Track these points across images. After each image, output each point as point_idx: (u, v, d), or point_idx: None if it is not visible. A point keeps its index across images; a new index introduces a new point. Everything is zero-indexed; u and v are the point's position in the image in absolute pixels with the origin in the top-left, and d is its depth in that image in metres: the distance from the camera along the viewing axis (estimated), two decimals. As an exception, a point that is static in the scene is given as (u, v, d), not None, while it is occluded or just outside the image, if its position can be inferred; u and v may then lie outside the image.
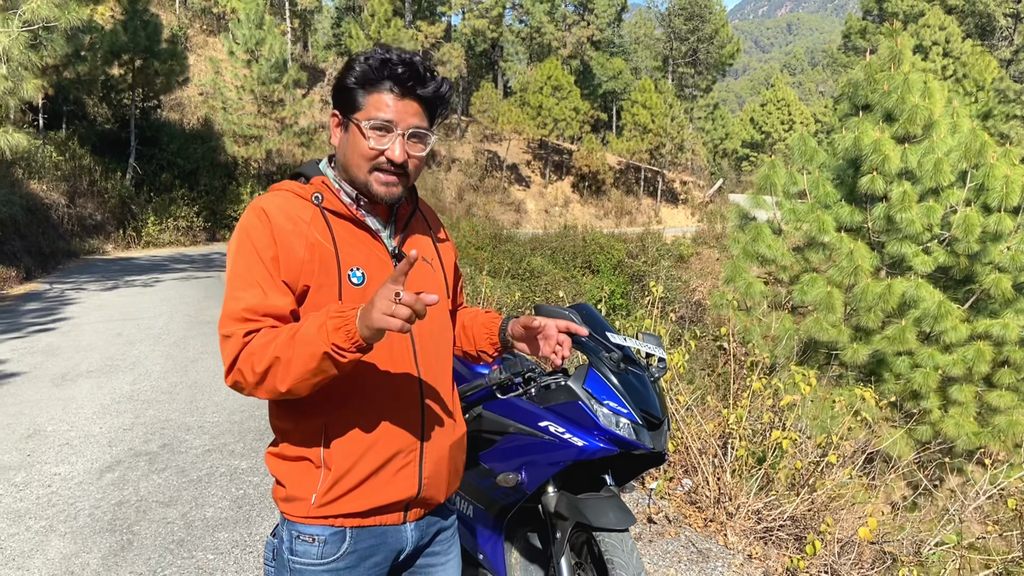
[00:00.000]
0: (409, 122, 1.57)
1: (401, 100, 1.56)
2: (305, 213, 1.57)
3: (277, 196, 1.59)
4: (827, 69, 74.10)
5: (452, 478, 1.75)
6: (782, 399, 4.25)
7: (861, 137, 9.14)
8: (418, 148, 1.60)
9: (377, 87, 1.55)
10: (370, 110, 1.55)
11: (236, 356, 1.45)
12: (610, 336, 2.45)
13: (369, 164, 1.56)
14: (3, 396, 6.73)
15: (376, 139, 1.55)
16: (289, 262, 1.51)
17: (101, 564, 3.60)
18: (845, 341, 9.14)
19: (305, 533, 1.59)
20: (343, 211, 1.60)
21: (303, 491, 1.57)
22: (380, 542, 1.64)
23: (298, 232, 1.53)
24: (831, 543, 3.50)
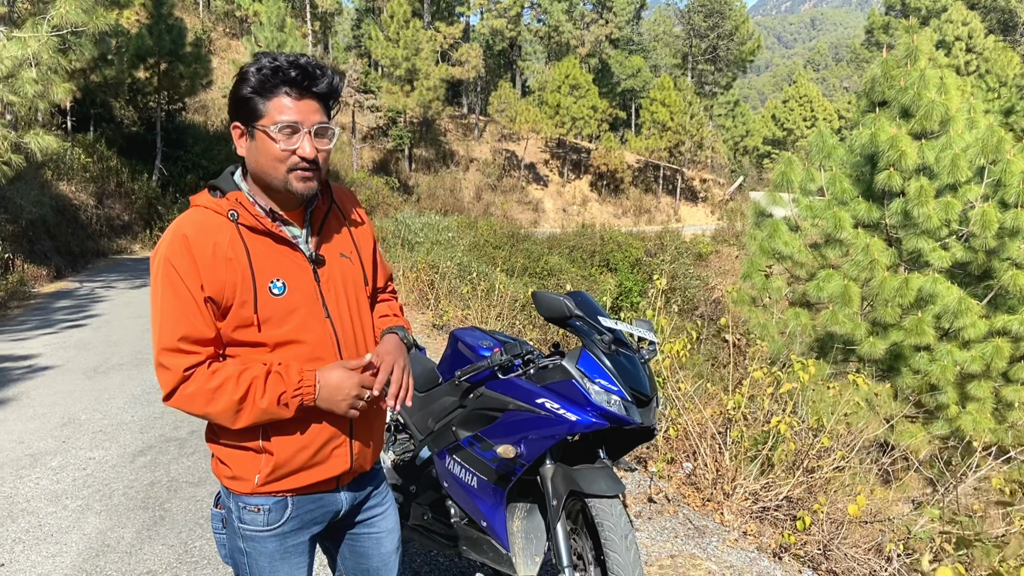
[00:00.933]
0: (312, 119, 1.67)
1: (299, 100, 1.66)
2: (223, 232, 1.67)
3: (195, 215, 1.69)
4: (851, 64, 73.51)
5: (376, 447, 1.95)
6: (782, 387, 4.41)
7: (878, 133, 9.20)
8: (324, 142, 1.70)
9: (274, 92, 1.65)
10: (273, 115, 1.65)
11: (175, 388, 1.62)
12: (601, 320, 2.66)
13: (284, 165, 1.66)
14: (38, 388, 7.04)
15: (285, 141, 1.65)
16: (213, 284, 1.64)
17: (135, 537, 3.86)
18: (862, 335, 9.22)
19: (251, 504, 1.77)
20: (258, 226, 1.70)
21: (246, 472, 1.75)
22: (318, 506, 1.85)
23: (218, 255, 1.64)
24: (823, 522, 3.67)
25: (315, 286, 1.77)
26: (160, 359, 1.63)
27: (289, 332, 1.71)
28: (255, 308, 1.67)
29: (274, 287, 1.69)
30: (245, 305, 1.66)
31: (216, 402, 1.62)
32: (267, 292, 1.68)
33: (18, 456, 5.16)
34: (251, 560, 1.81)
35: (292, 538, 1.82)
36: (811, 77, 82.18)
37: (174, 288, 1.62)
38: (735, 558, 3.54)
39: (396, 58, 37.65)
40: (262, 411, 1.64)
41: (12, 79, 11.66)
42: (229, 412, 1.63)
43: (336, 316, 1.80)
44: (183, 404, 1.64)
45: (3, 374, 7.59)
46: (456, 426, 2.89)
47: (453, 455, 2.87)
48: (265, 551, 1.79)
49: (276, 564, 1.81)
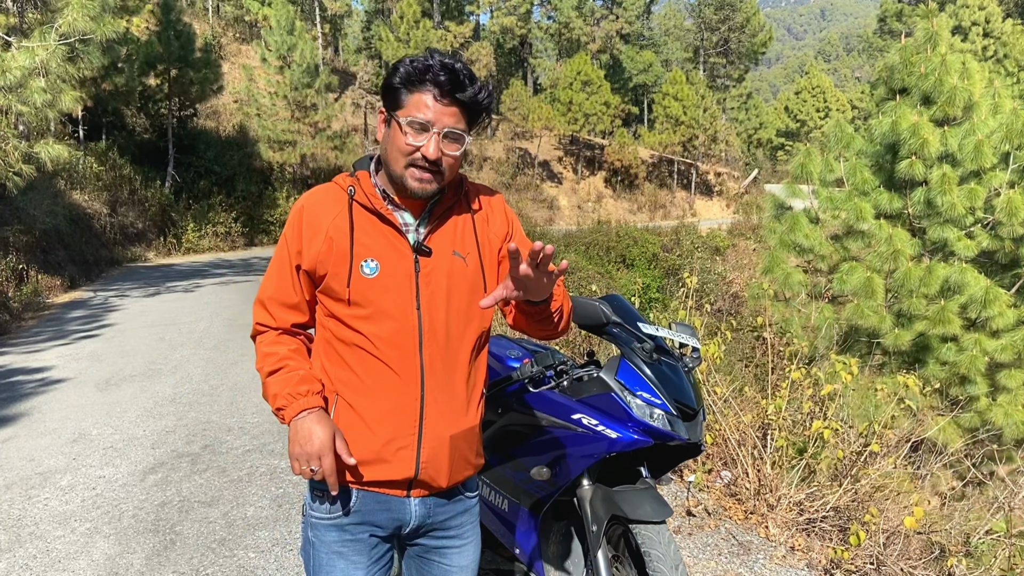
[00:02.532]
0: (445, 122, 1.65)
1: (439, 102, 1.65)
2: (336, 205, 1.75)
3: (324, 188, 1.80)
4: (863, 54, 72.81)
5: (456, 466, 1.81)
6: (822, 389, 4.17)
7: (899, 121, 8.95)
8: (453, 148, 1.68)
9: (419, 88, 1.65)
10: (410, 109, 1.65)
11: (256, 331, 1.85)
12: (641, 326, 2.42)
13: (405, 159, 1.67)
14: (50, 402, 6.89)
15: (413, 136, 1.65)
16: (310, 253, 1.72)
17: (145, 564, 3.67)
18: (887, 327, 8.97)
19: (319, 489, 1.77)
20: (369, 205, 1.73)
21: None
22: (384, 508, 1.77)
23: (322, 226, 1.72)
24: (876, 533, 3.43)
25: (412, 275, 1.73)
26: (255, 305, 1.85)
27: (371, 315, 1.71)
28: (348, 283, 1.70)
29: (366, 266, 1.71)
30: (337, 278, 1.71)
31: (260, 362, 1.79)
32: (359, 270, 1.70)
33: (28, 475, 4.99)
34: (315, 551, 1.79)
35: (352, 532, 1.77)
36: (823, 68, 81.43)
37: (280, 251, 1.79)
38: (784, 577, 3.30)
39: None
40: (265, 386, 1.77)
41: (21, 89, 11.55)
42: (261, 376, 1.79)
43: (427, 309, 1.73)
44: (255, 348, 1.84)
45: (15, 388, 7.45)
46: (485, 444, 2.66)
47: (482, 476, 2.65)
48: (325, 541, 1.77)
49: (333, 558, 1.77)
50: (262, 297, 1.81)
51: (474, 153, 44.31)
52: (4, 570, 3.66)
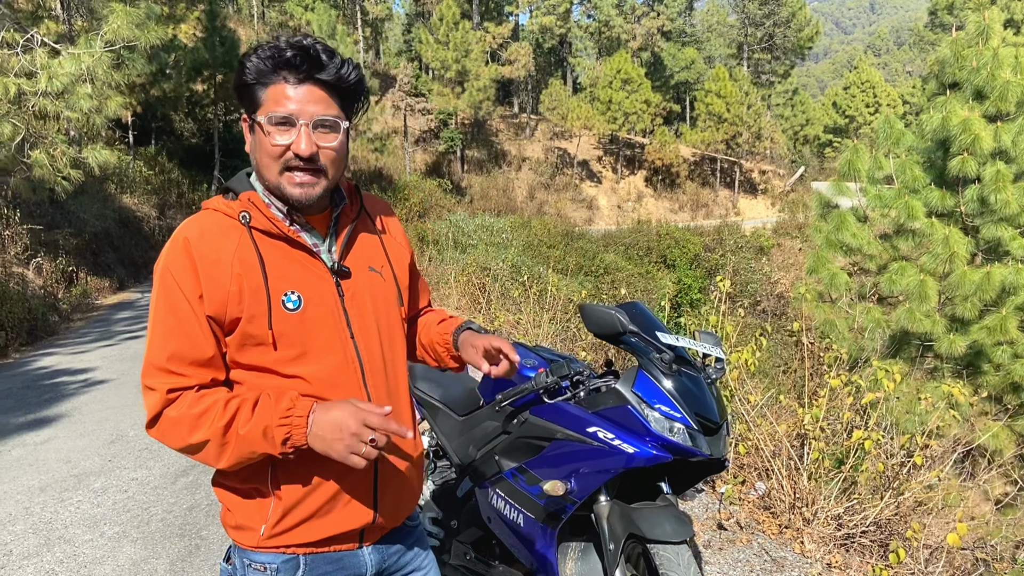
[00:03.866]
0: (311, 111, 1.41)
1: (300, 88, 1.42)
2: (232, 236, 1.44)
3: (203, 218, 1.47)
4: (914, 48, 70.97)
5: (409, 498, 1.66)
6: (864, 397, 4.00)
7: (949, 117, 8.67)
8: (329, 138, 1.44)
9: (273, 79, 1.42)
10: (269, 105, 1.42)
11: (159, 413, 1.39)
12: (660, 336, 2.31)
13: (278, 163, 1.43)
14: (91, 402, 7.01)
15: (279, 134, 1.41)
16: (214, 296, 1.40)
17: (168, 569, 3.67)
18: (940, 332, 8.67)
19: (256, 561, 1.49)
20: (273, 230, 1.46)
21: (252, 521, 1.48)
22: (336, 568, 1.54)
23: (223, 262, 1.41)
24: (918, 550, 3.26)
25: (337, 301, 1.51)
26: (146, 379, 1.40)
27: (303, 355, 1.45)
28: (269, 323, 1.42)
29: (288, 300, 1.44)
30: (255, 320, 1.41)
31: (199, 430, 1.36)
32: (280, 306, 1.43)
33: (63, 477, 5.06)
34: None
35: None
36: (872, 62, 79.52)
37: (170, 299, 1.40)
38: (819, 596, 3.16)
39: (446, 60, 37.63)
40: (243, 441, 1.36)
41: (68, 95, 11.82)
42: (213, 444, 1.36)
43: (361, 337, 1.53)
44: (165, 432, 1.39)
45: (59, 389, 7.61)
46: (499, 455, 2.58)
47: (496, 488, 2.57)
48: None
49: None
50: (159, 362, 1.39)
51: (513, 153, 44.32)
52: (31, 574, 3.69)
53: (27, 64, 11.62)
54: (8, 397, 7.36)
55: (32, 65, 11.61)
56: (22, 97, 11.63)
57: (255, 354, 1.43)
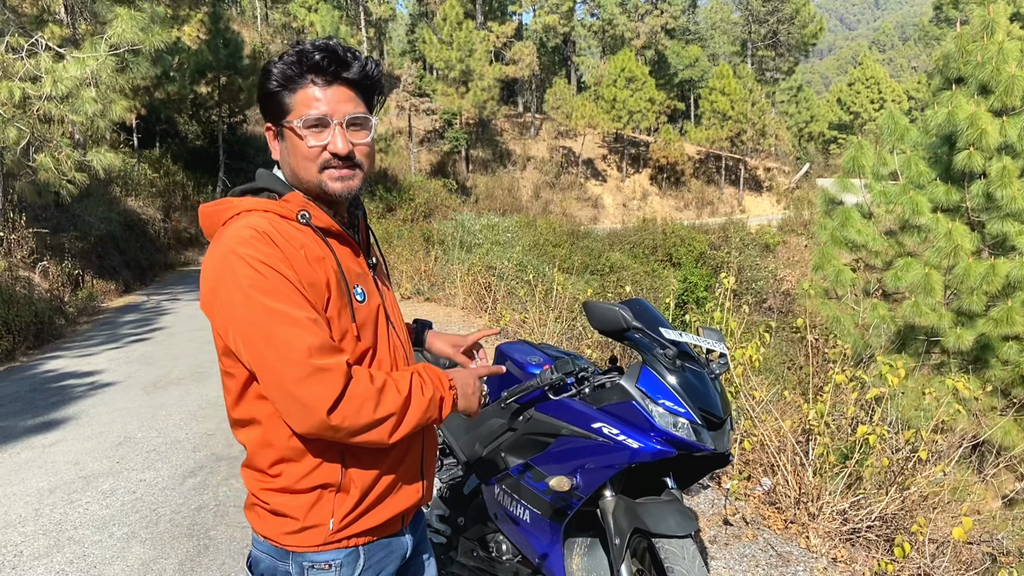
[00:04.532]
0: (343, 110, 1.46)
1: (328, 89, 1.46)
2: (298, 233, 1.45)
3: (259, 217, 1.43)
4: (919, 43, 70.79)
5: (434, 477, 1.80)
6: (868, 392, 4.00)
7: (955, 112, 8.64)
8: (361, 135, 1.50)
9: (300, 83, 1.46)
10: (300, 109, 1.46)
11: (342, 391, 1.35)
12: (664, 332, 2.32)
13: (316, 164, 1.47)
14: (98, 405, 7.04)
15: (314, 136, 1.46)
16: (312, 287, 1.40)
17: (177, 569, 3.69)
18: (947, 326, 8.65)
19: (320, 561, 1.51)
20: (333, 227, 1.51)
21: (320, 519, 1.49)
22: (387, 553, 1.62)
23: (307, 258, 1.41)
24: (924, 544, 3.26)
25: (378, 292, 1.60)
26: (315, 363, 1.33)
27: (372, 346, 1.53)
28: (352, 316, 1.47)
29: (358, 293, 1.51)
30: (343, 313, 1.45)
31: (383, 404, 1.39)
32: (355, 298, 1.49)
33: (71, 479, 5.09)
34: None
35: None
36: (877, 58, 79.28)
37: (285, 287, 1.35)
38: (825, 591, 3.16)
39: (450, 60, 37.65)
40: (423, 411, 1.46)
41: (72, 99, 11.87)
42: (395, 418, 1.41)
43: (396, 323, 1.65)
44: (348, 413, 1.35)
45: (67, 392, 7.64)
46: (505, 452, 2.60)
47: (502, 484, 2.58)
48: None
49: None
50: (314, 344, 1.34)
51: (517, 153, 44.32)
52: (42, 575, 3.72)
53: (32, 68, 11.67)
54: (16, 400, 7.40)
55: (37, 69, 11.66)
56: (27, 101, 11.68)
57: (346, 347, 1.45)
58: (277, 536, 1.51)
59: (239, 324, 1.36)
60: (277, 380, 1.34)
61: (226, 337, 1.40)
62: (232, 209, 1.47)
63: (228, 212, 1.47)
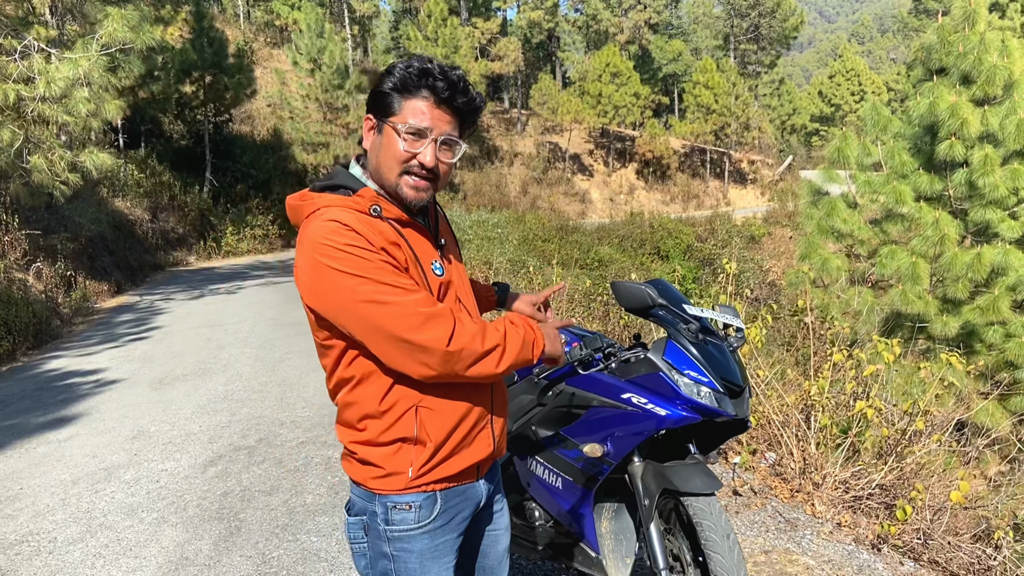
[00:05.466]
0: (442, 129, 1.66)
1: (436, 108, 1.65)
2: (373, 223, 1.63)
3: (339, 212, 1.61)
4: (898, 35, 71.44)
5: (506, 430, 1.97)
6: (865, 370, 4.20)
7: (937, 102, 8.85)
8: (448, 155, 1.70)
9: (415, 94, 1.64)
10: (406, 115, 1.64)
11: (454, 325, 1.58)
12: (687, 308, 2.51)
13: (401, 167, 1.66)
14: (107, 402, 7.15)
15: (410, 143, 1.64)
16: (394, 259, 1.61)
17: (213, 549, 3.84)
18: (933, 313, 8.87)
19: (402, 503, 1.72)
20: (403, 218, 1.70)
21: (400, 467, 1.70)
22: (463, 498, 1.81)
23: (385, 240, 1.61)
24: (922, 509, 3.47)
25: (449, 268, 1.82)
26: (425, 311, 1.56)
27: None
28: (429, 289, 1.68)
29: (436, 268, 1.73)
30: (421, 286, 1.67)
31: (489, 338, 1.63)
32: (432, 273, 1.71)
33: (92, 470, 5.21)
34: (399, 564, 1.75)
35: (441, 535, 1.78)
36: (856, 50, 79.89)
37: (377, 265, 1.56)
38: (832, 551, 3.36)
39: (435, 57, 37.66)
40: (519, 348, 1.69)
41: (65, 99, 11.90)
42: (499, 349, 1.64)
43: (464, 297, 1.84)
44: (465, 341, 1.59)
45: (73, 389, 7.74)
46: (535, 425, 2.77)
47: (535, 456, 2.76)
48: (415, 551, 1.74)
49: (427, 564, 1.76)
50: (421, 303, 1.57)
51: (504, 149, 44.40)
52: (79, 558, 3.86)
53: (25, 70, 11.69)
54: (24, 398, 7.49)
55: (30, 71, 11.69)
56: (20, 102, 11.70)
57: None
58: (366, 481, 1.73)
59: (347, 304, 1.56)
60: (394, 337, 1.56)
61: (337, 320, 1.61)
62: (313, 204, 1.67)
63: (310, 207, 1.67)
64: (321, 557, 3.67)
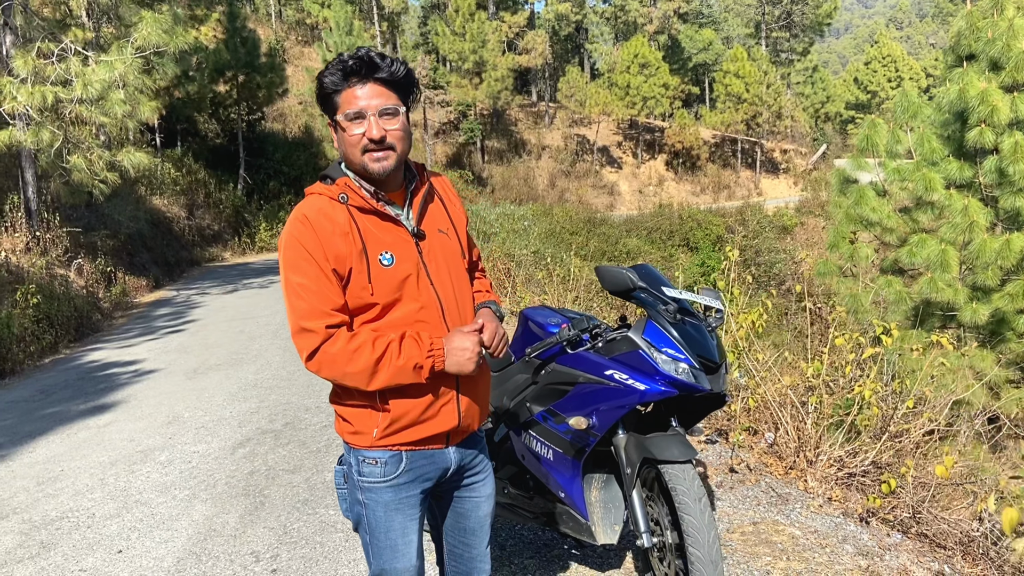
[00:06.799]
0: (376, 104, 1.85)
1: (364, 88, 1.85)
2: (337, 212, 1.88)
3: (311, 201, 1.91)
4: (936, 20, 70.04)
5: (483, 410, 2.13)
6: (865, 352, 4.31)
7: (966, 89, 8.77)
8: (393, 122, 1.86)
9: (342, 86, 1.86)
10: (344, 106, 1.86)
11: (318, 347, 1.81)
12: (666, 290, 2.68)
13: (358, 149, 1.86)
14: (145, 390, 7.49)
15: (355, 127, 1.85)
16: (335, 257, 1.83)
17: (239, 522, 4.11)
18: (962, 301, 8.84)
19: (369, 457, 1.96)
20: (365, 206, 1.90)
21: (366, 427, 1.94)
22: (430, 462, 2.01)
23: (335, 232, 1.85)
24: (914, 486, 3.59)
25: (418, 257, 1.95)
26: (302, 323, 1.81)
27: (398, 300, 1.91)
28: (368, 277, 1.85)
29: (383, 258, 1.88)
30: (360, 275, 1.85)
31: (355, 361, 1.80)
32: (378, 263, 1.87)
33: (129, 453, 5.52)
34: (369, 511, 1.99)
35: (406, 490, 1.98)
36: (894, 36, 78.55)
37: (306, 262, 1.82)
38: (819, 523, 3.50)
39: (463, 51, 37.93)
40: (397, 370, 1.83)
41: (102, 101, 12.32)
42: (366, 372, 1.81)
43: (438, 283, 1.97)
44: (324, 363, 1.82)
45: (112, 379, 8.10)
46: (530, 402, 2.96)
47: (529, 430, 2.95)
48: (381, 501, 1.97)
49: (391, 514, 1.98)
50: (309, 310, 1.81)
51: (532, 142, 44.50)
52: (116, 531, 4.14)
53: (62, 73, 12.13)
54: (66, 388, 7.87)
55: (67, 73, 12.12)
56: (59, 104, 12.15)
57: (362, 300, 1.87)
58: (343, 434, 2.01)
59: (282, 285, 1.89)
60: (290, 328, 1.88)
61: None
62: (307, 191, 1.97)
63: (307, 192, 1.97)
64: (338, 528, 3.91)
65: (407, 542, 2.00)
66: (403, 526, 1.99)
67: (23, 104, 11.57)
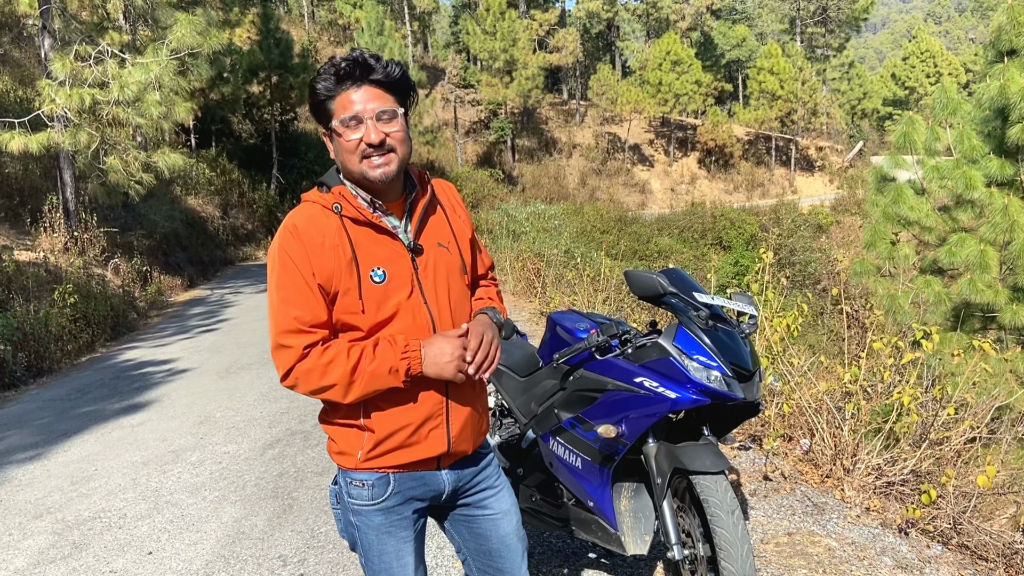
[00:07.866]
0: (372, 107, 1.74)
1: (358, 91, 1.75)
2: (330, 223, 1.78)
3: (304, 209, 1.81)
4: (975, 14, 68.55)
5: (477, 434, 1.99)
6: (904, 357, 4.19)
7: (1007, 85, 8.54)
8: (391, 125, 1.76)
9: (337, 91, 1.76)
10: (339, 112, 1.76)
11: (293, 365, 1.72)
12: (697, 296, 2.61)
13: (356, 155, 1.76)
14: (178, 389, 7.57)
15: (352, 132, 1.75)
16: (323, 271, 1.74)
17: (267, 524, 4.11)
18: (1003, 302, 8.62)
19: (356, 479, 1.87)
20: (360, 217, 1.79)
21: (351, 448, 1.85)
22: (419, 484, 1.91)
23: (325, 244, 1.75)
24: (954, 495, 3.47)
25: (412, 273, 1.84)
26: (280, 340, 1.73)
27: (389, 318, 1.80)
28: (360, 295, 1.76)
29: (375, 275, 1.78)
30: (350, 292, 1.76)
31: (329, 375, 1.72)
32: (369, 280, 1.77)
33: (161, 453, 5.57)
34: (361, 535, 1.91)
35: (396, 513, 1.89)
36: (933, 31, 77.01)
37: (290, 275, 1.74)
38: (857, 534, 3.40)
39: (494, 50, 37.93)
40: (371, 376, 1.73)
41: (138, 103, 12.50)
42: (341, 384, 1.72)
43: (433, 301, 1.86)
44: (299, 380, 1.74)
45: (147, 378, 8.20)
46: (558, 408, 2.91)
47: (557, 437, 2.89)
48: (372, 525, 1.89)
49: (383, 538, 1.89)
50: (289, 326, 1.72)
51: (563, 140, 44.39)
52: (147, 532, 4.17)
53: (99, 75, 12.32)
54: (102, 387, 7.98)
55: (104, 75, 12.31)
56: (96, 106, 12.34)
57: (351, 318, 1.77)
58: (332, 454, 1.92)
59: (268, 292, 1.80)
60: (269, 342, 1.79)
61: None
62: (303, 198, 1.87)
63: (302, 199, 1.87)
64: (365, 533, 3.89)
65: (402, 565, 1.92)
66: (396, 549, 1.91)
67: (61, 106, 11.77)
